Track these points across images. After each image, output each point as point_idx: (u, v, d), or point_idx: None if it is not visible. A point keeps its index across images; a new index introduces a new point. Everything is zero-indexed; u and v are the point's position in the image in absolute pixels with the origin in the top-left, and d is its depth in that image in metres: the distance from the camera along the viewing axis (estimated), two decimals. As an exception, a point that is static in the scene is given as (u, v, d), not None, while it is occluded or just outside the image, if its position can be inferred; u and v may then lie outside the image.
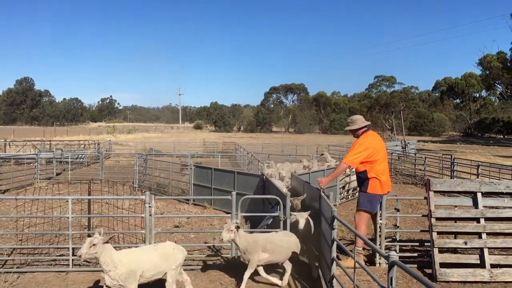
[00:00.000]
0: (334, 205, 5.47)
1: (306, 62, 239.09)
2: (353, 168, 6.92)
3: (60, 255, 6.97)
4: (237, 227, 5.76)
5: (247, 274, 5.78)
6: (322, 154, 14.41)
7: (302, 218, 6.44)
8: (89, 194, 7.53)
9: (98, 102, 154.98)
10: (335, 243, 5.09)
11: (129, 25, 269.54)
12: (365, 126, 6.82)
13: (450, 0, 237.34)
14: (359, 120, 6.83)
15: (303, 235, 6.39)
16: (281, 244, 6.00)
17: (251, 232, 7.96)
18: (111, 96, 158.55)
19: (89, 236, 7.55)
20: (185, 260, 7.08)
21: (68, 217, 6.57)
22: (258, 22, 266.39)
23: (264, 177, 10.06)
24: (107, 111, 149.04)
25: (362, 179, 6.71)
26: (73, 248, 6.58)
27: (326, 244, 5.73)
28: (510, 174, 13.53)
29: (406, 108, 79.67)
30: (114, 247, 7.33)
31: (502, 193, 6.65)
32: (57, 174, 17.73)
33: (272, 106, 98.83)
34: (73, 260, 6.53)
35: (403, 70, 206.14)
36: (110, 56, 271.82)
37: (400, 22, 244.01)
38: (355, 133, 6.87)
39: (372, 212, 6.72)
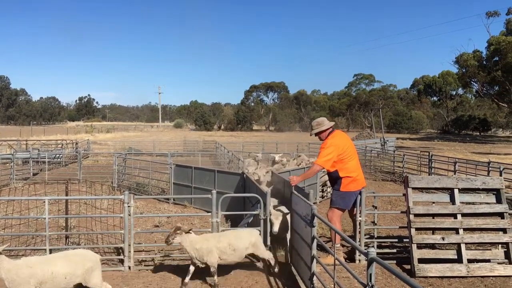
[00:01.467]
0: (314, 203, 5.50)
1: (286, 60, 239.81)
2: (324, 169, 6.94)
3: (37, 257, 6.83)
4: None
5: None
6: (299, 156, 14.34)
7: (276, 220, 6.62)
8: (67, 194, 7.40)
9: (76, 101, 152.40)
10: (315, 240, 5.12)
11: (107, 22, 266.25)
12: (331, 127, 6.87)
13: (427, 0, 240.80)
14: (325, 121, 6.88)
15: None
16: None
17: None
18: (89, 94, 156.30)
19: (66, 237, 7.47)
20: (165, 260, 7.07)
21: (45, 218, 6.45)
22: (238, 20, 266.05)
23: (245, 175, 10.04)
24: (85, 110, 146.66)
25: (334, 178, 6.76)
26: (50, 250, 6.47)
27: (302, 242, 5.75)
28: (486, 171, 13.79)
29: (385, 106, 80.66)
30: (94, 248, 7.27)
31: (478, 189, 6.79)
32: (34, 175, 17.40)
33: (252, 104, 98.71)
34: (50, 261, 6.41)
35: (382, 69, 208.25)
36: (87, 54, 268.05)
37: (378, 21, 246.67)
38: (321, 135, 6.89)
39: (345, 209, 6.77)
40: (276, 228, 6.53)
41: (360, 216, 6.81)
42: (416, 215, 6.57)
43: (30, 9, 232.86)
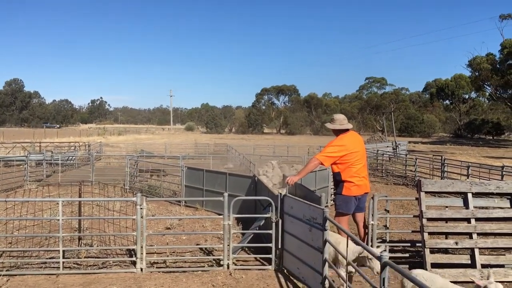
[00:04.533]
0: (326, 207, 5.48)
1: (297, 63, 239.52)
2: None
3: (50, 258, 6.90)
4: None
5: None
6: (292, 166, 14.14)
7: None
8: (80, 196, 7.47)
9: (88, 103, 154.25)
10: (327, 244, 5.10)
11: (119, 26, 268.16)
12: (344, 130, 6.63)
13: (439, 3, 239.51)
14: (338, 121, 6.64)
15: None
16: None
17: (243, 234, 7.98)
18: (101, 97, 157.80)
19: (79, 238, 7.53)
20: (176, 262, 7.10)
21: (58, 219, 6.51)
22: (249, 23, 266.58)
23: (256, 178, 10.05)
24: (97, 112, 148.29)
25: (337, 180, 6.58)
26: (63, 251, 6.53)
27: (304, 245, 5.71)
28: (500, 175, 13.64)
29: (396, 109, 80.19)
30: (106, 250, 7.31)
31: (492, 194, 6.71)
32: (47, 176, 17.58)
33: (263, 107, 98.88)
34: (63, 262, 6.47)
35: (394, 72, 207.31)
36: (100, 57, 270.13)
37: (391, 24, 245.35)
38: (334, 131, 6.71)
39: (348, 213, 6.55)
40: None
41: (372, 220, 6.76)
42: (429, 219, 6.51)
43: (43, 10, 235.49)
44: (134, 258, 6.62)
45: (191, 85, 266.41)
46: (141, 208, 6.46)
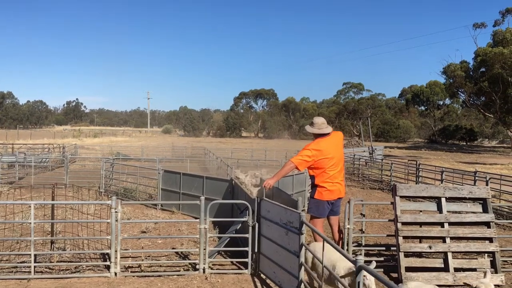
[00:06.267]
0: (302, 211, 5.49)
1: (275, 67, 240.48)
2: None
3: (21, 262, 6.74)
4: None
5: None
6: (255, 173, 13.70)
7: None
8: (53, 199, 7.32)
9: (64, 105, 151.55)
10: (303, 248, 5.12)
11: (96, 26, 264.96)
12: (323, 134, 6.61)
13: (416, 10, 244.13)
14: (317, 125, 6.63)
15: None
16: None
17: (219, 238, 7.94)
18: (77, 99, 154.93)
19: (52, 242, 7.37)
20: (151, 266, 7.01)
21: (30, 223, 6.36)
22: (227, 26, 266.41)
23: (233, 182, 10.02)
24: (73, 114, 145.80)
25: (312, 184, 6.61)
26: (35, 255, 6.38)
27: (280, 249, 5.72)
28: (473, 180, 13.90)
29: (373, 114, 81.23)
30: (79, 254, 7.17)
31: (465, 198, 6.83)
32: (20, 179, 17.19)
33: (241, 111, 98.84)
34: (35, 267, 6.32)
35: (370, 77, 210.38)
36: (76, 58, 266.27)
37: (368, 30, 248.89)
38: (314, 134, 6.70)
39: (320, 217, 6.53)
40: None
41: (348, 224, 6.80)
42: (403, 223, 6.60)
43: (15, 8, 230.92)
44: (108, 262, 6.51)
45: (169, 87, 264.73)
46: (116, 212, 6.37)
